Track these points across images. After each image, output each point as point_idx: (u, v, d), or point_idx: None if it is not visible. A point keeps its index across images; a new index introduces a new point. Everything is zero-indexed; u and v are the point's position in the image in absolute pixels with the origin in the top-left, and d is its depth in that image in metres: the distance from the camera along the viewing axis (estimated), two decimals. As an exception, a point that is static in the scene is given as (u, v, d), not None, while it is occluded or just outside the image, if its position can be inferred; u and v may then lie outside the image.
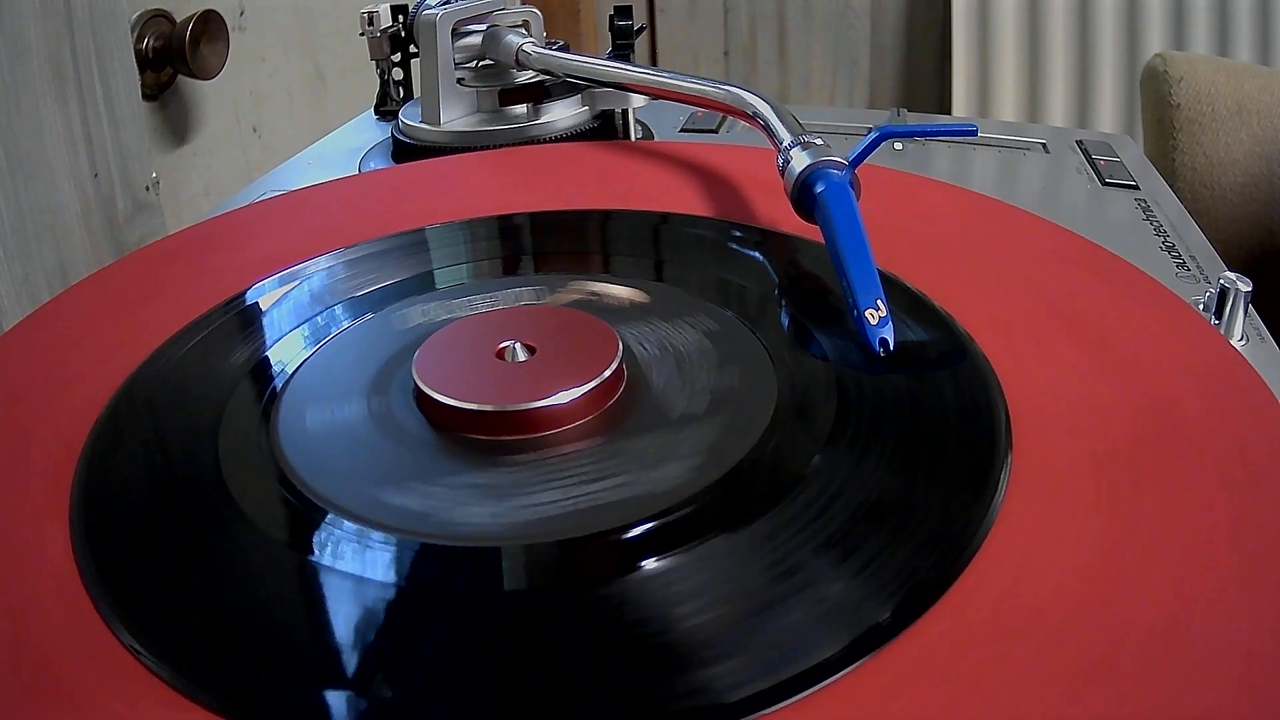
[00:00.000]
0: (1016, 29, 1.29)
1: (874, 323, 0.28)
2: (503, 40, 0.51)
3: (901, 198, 0.39)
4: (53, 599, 0.22)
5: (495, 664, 0.20)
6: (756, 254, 0.36)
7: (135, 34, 0.66)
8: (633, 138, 0.52)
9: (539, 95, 0.50)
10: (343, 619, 0.21)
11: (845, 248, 0.30)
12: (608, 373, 0.27)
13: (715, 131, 0.56)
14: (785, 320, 0.31)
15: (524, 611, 0.21)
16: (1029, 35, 1.29)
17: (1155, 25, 1.24)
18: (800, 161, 0.34)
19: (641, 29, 0.54)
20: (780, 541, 0.22)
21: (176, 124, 0.73)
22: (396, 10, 0.58)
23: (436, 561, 0.23)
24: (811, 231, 0.33)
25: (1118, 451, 0.24)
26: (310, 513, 0.24)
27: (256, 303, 0.34)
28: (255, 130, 0.82)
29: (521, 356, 0.28)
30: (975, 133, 0.34)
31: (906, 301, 0.31)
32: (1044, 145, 0.54)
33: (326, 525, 0.23)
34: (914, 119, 0.59)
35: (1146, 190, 0.47)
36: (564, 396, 0.26)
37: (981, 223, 0.37)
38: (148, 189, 0.63)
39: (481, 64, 0.53)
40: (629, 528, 0.23)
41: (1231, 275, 0.33)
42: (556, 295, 0.32)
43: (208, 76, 0.69)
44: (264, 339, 0.32)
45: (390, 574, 0.22)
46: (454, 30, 0.51)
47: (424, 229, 0.38)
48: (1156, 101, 0.77)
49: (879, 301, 0.28)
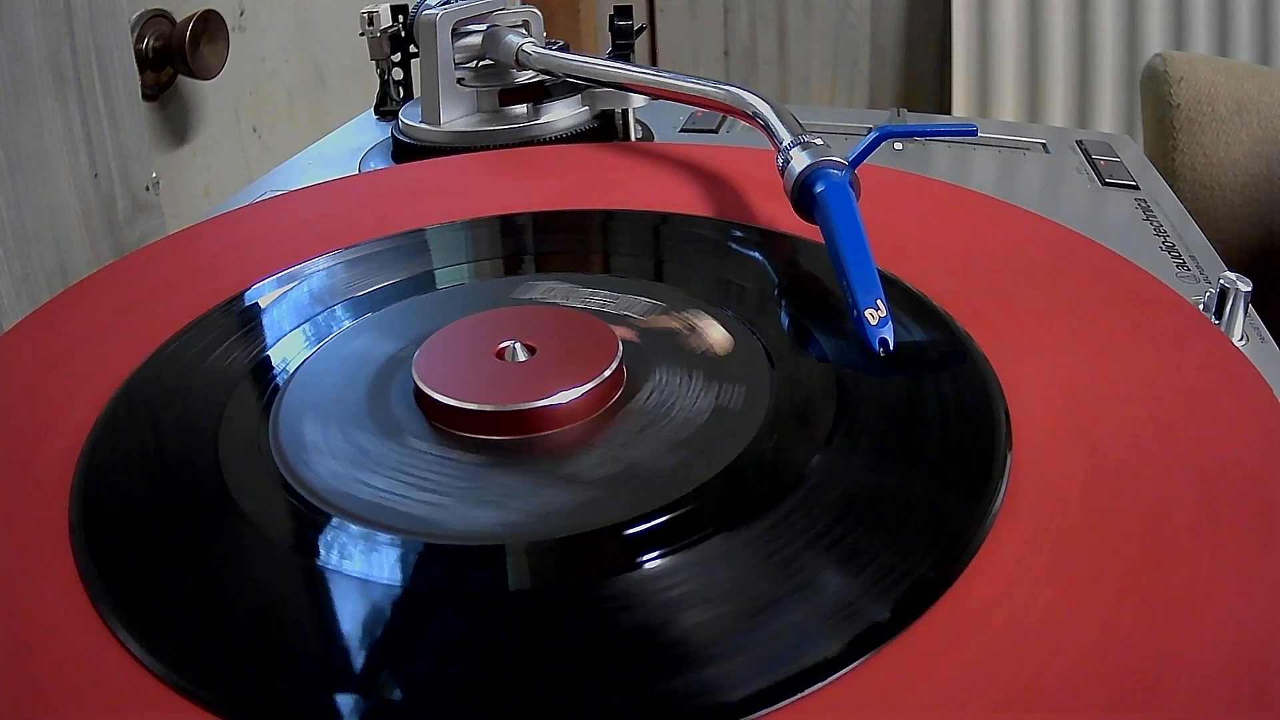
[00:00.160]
0: (1016, 29, 1.29)
1: (874, 323, 0.28)
2: (503, 40, 0.51)
3: (901, 198, 0.39)
4: (52, 599, 0.22)
5: (495, 664, 0.20)
6: (756, 254, 0.36)
7: (135, 34, 0.66)
8: (633, 138, 0.52)
9: (539, 95, 0.50)
10: (342, 619, 0.21)
11: (845, 248, 0.30)
12: (608, 373, 0.27)
13: (715, 131, 0.56)
14: (785, 320, 0.31)
15: (524, 611, 0.21)
16: (1029, 35, 1.29)
17: (1155, 25, 1.24)
18: (800, 161, 0.34)
19: (641, 29, 0.54)
20: (780, 541, 0.22)
21: (176, 124, 0.73)
22: (396, 10, 0.58)
23: (436, 561, 0.23)
24: (811, 231, 0.33)
25: (1118, 451, 0.24)
26: (310, 513, 0.24)
27: (256, 303, 0.34)
28: (255, 130, 0.81)
29: (521, 356, 0.28)
30: (975, 133, 0.34)
31: (906, 301, 0.31)
32: (1044, 145, 0.54)
33: (325, 525, 0.23)
34: (914, 119, 0.59)
35: (1146, 190, 0.47)
36: (564, 396, 0.26)
37: (981, 222, 0.37)
38: (148, 189, 0.63)
39: (481, 64, 0.53)
40: (629, 528, 0.23)
41: (1231, 275, 0.33)
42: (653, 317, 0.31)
43: (208, 76, 0.69)
44: (264, 339, 0.32)
45: (390, 574, 0.22)
46: (454, 30, 0.51)
47: (424, 229, 0.38)
48: (1156, 101, 0.77)
49: (879, 301, 0.28)
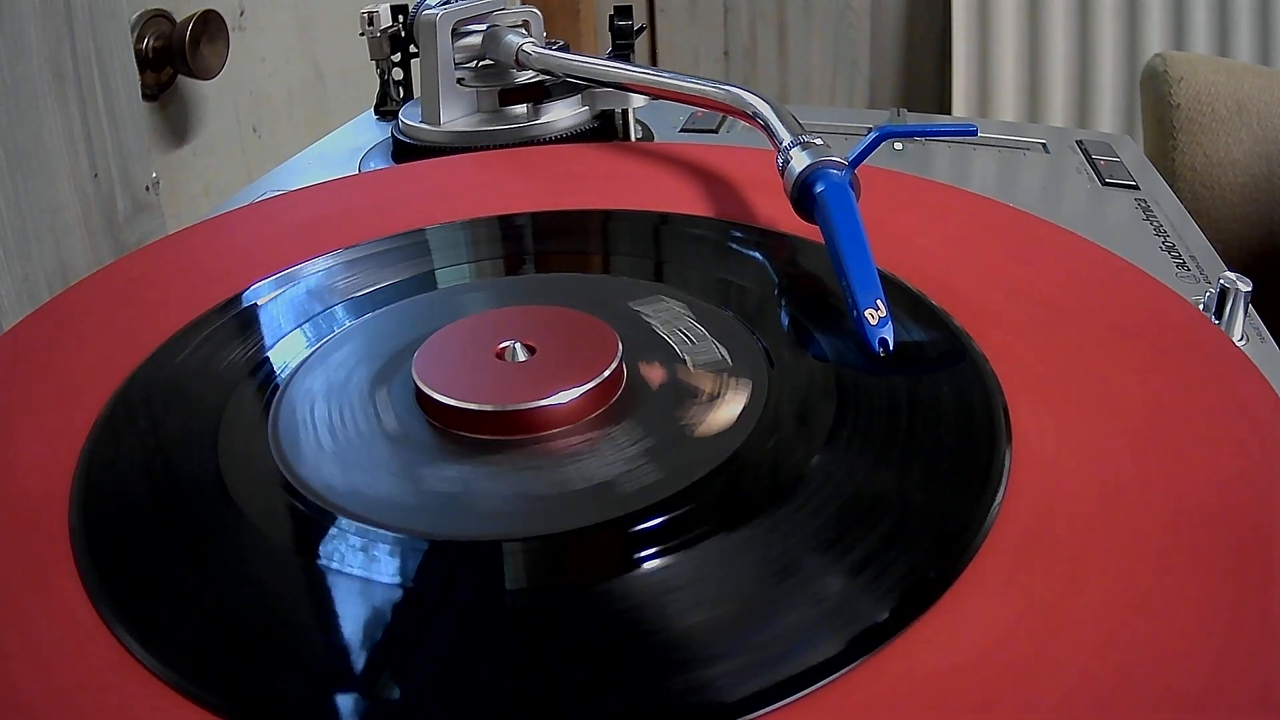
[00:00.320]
0: (1016, 29, 1.29)
1: (874, 323, 0.28)
2: (503, 40, 0.51)
3: (901, 198, 0.39)
4: (52, 600, 0.22)
5: (495, 663, 0.20)
6: (756, 254, 0.36)
7: (135, 34, 0.66)
8: (633, 138, 0.52)
9: (539, 95, 0.50)
10: (341, 619, 0.21)
11: (845, 248, 0.30)
12: (607, 373, 0.27)
13: (715, 131, 0.56)
14: (785, 320, 0.31)
15: (524, 611, 0.21)
16: (1029, 35, 1.29)
17: (1155, 25, 1.24)
18: (800, 161, 0.34)
19: (641, 29, 0.54)
20: (780, 541, 0.22)
21: (176, 124, 0.73)
22: (396, 10, 0.58)
23: (435, 561, 0.23)
24: (811, 231, 0.33)
25: (1118, 451, 0.24)
26: (309, 513, 0.24)
27: (256, 303, 0.34)
28: (255, 130, 0.82)
29: (521, 356, 0.28)
30: (975, 133, 0.34)
31: (906, 301, 0.31)
32: (1044, 145, 0.54)
33: (325, 525, 0.23)
34: (914, 119, 0.59)
35: (1146, 190, 0.47)
36: (564, 396, 0.26)
37: (981, 223, 0.37)
38: (148, 189, 0.63)
39: (481, 64, 0.53)
40: (629, 527, 0.23)
41: (1231, 275, 0.33)
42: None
43: (208, 76, 0.69)
44: (264, 339, 0.32)
45: (389, 573, 0.22)
46: (454, 30, 0.51)
47: (424, 229, 0.38)
48: (1156, 101, 0.77)
49: (879, 301, 0.28)
